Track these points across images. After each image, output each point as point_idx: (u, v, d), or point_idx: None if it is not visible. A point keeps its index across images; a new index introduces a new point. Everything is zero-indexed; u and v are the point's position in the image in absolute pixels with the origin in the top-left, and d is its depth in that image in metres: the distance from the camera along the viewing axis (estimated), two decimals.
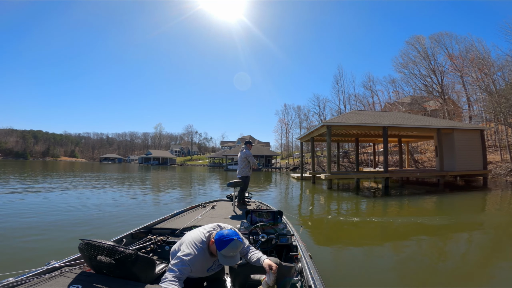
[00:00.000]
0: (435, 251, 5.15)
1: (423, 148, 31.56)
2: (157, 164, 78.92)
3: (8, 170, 30.14)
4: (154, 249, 3.11)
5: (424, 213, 9.12)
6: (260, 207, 5.08)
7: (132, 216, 7.35)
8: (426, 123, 17.14)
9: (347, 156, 40.68)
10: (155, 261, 2.14)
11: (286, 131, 62.07)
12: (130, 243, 3.08)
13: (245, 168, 6.03)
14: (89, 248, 1.82)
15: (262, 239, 3.01)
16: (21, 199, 9.66)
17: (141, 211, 8.24)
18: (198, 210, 4.83)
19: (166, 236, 3.33)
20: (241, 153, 6.08)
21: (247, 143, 6.28)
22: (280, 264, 2.00)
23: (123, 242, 2.98)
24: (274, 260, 2.03)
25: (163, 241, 3.20)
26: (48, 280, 1.71)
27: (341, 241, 5.98)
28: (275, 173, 38.40)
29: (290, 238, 3.17)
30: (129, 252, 1.81)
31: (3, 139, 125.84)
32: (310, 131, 19.75)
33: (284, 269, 2.00)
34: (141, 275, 1.87)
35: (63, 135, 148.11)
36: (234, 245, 1.88)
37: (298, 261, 2.72)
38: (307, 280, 2.15)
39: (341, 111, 44.89)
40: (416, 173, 17.47)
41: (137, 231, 3.33)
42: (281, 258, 3.08)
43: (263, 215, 3.37)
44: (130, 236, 3.20)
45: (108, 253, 1.79)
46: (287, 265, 2.04)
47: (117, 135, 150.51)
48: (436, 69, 33.76)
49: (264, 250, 2.93)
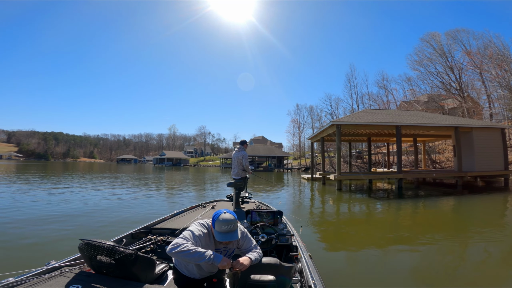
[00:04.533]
0: (446, 256, 4.95)
1: (441, 148, 30.33)
2: (171, 164, 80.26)
3: (39, 171, 31.60)
4: (154, 249, 3.14)
5: (438, 216, 8.80)
6: (260, 207, 5.05)
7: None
8: (443, 122, 16.47)
9: (361, 156, 39.78)
10: (155, 261, 2.16)
11: (299, 132, 61.59)
12: (130, 243, 3.11)
13: (242, 169, 5.65)
14: (89, 248, 1.84)
15: (262, 239, 3.01)
16: (68, 199, 10.15)
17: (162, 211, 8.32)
18: (198, 210, 4.86)
19: (166, 236, 3.36)
20: (237, 154, 5.60)
21: (243, 143, 5.77)
22: (280, 264, 1.99)
23: (123, 242, 3.01)
24: (274, 260, 2.01)
25: (163, 241, 3.23)
26: (48, 280, 1.74)
27: (340, 242, 5.87)
28: (287, 174, 38.19)
29: (290, 238, 3.17)
30: (129, 252, 1.83)
31: (25, 141, 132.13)
32: (320, 131, 19.47)
33: (284, 269, 1.98)
34: (141, 275, 1.89)
35: (82, 137, 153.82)
36: (224, 217, 1.87)
37: (298, 261, 2.71)
38: (307, 280, 2.13)
39: (354, 110, 43.94)
40: (432, 173, 16.84)
41: (137, 231, 3.35)
42: (281, 258, 3.08)
43: (263, 215, 3.37)
44: (130, 236, 3.23)
45: (108, 253, 1.81)
46: (287, 265, 2.04)
47: (133, 136, 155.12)
48: (453, 66, 32.42)
49: (264, 250, 2.92)
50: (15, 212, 7.68)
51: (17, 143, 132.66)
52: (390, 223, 7.80)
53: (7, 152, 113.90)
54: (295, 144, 64.25)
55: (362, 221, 8.09)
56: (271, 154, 51.05)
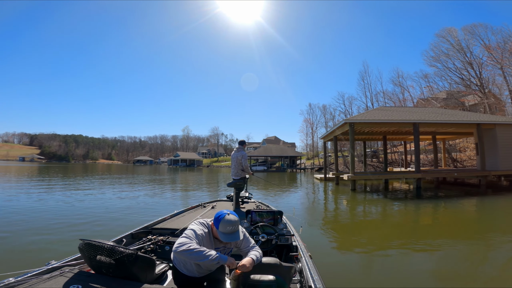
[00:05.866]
0: (460, 259, 4.65)
1: (463, 146, 28.97)
2: (185, 165, 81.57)
3: (67, 173, 32.96)
4: (154, 249, 3.14)
5: (459, 217, 8.36)
6: (260, 207, 5.03)
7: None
8: (464, 118, 15.71)
9: (376, 155, 38.72)
10: (155, 261, 2.15)
11: (312, 131, 60.85)
12: (130, 243, 3.10)
13: (241, 169, 5.53)
14: (89, 248, 1.83)
15: (262, 239, 3.02)
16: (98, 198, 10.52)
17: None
18: (198, 210, 4.86)
19: (166, 236, 3.35)
20: (236, 154, 5.53)
21: (242, 143, 5.66)
22: (280, 264, 1.98)
23: (123, 242, 3.01)
24: (274, 260, 2.00)
25: (163, 241, 3.23)
26: (48, 280, 1.73)
27: (352, 244, 5.67)
28: (300, 174, 37.82)
29: (290, 238, 3.15)
30: (129, 252, 1.81)
31: (47, 143, 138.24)
32: (332, 129, 19.06)
33: (284, 269, 1.98)
34: (141, 275, 1.87)
35: (101, 139, 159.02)
36: (228, 218, 1.90)
37: (298, 261, 2.71)
38: (307, 280, 2.12)
39: (368, 108, 42.80)
40: (453, 173, 16.09)
41: (137, 231, 3.35)
42: (281, 258, 3.06)
43: (263, 215, 3.37)
44: (130, 236, 3.24)
45: (108, 253, 1.79)
46: (287, 265, 2.02)
47: (148, 138, 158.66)
48: (472, 62, 31.04)
49: (264, 250, 2.91)
50: (61, 212, 7.96)
51: (39, 145, 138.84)
52: (408, 225, 7.50)
53: (30, 155, 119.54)
54: (308, 144, 63.67)
55: (376, 222, 7.82)
56: (283, 154, 50.76)
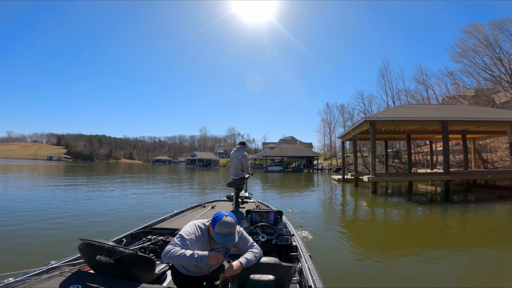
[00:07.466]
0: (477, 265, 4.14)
1: (493, 146, 27.06)
2: (202, 165, 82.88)
3: (101, 172, 34.57)
4: (154, 249, 3.15)
5: (490, 222, 7.75)
6: (260, 207, 5.06)
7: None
8: (497, 116, 14.57)
9: (398, 156, 37.16)
10: (155, 261, 2.13)
11: (329, 131, 59.70)
12: (130, 243, 3.13)
13: (240, 169, 5.48)
14: (89, 248, 1.84)
15: (262, 239, 3.03)
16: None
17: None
18: (198, 210, 4.93)
19: (166, 236, 3.38)
20: (236, 154, 5.47)
21: (242, 144, 5.62)
22: (280, 264, 1.98)
23: (123, 242, 3.04)
24: (273, 260, 2.00)
25: (163, 241, 3.24)
26: (48, 280, 1.73)
27: (358, 245, 5.37)
28: (316, 175, 37.09)
29: (290, 238, 3.16)
30: (128, 252, 1.82)
31: (73, 143, 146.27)
32: (351, 128, 18.36)
33: (284, 269, 1.97)
34: (141, 275, 1.87)
35: (122, 139, 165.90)
36: (225, 220, 1.88)
37: (298, 261, 2.72)
38: (307, 280, 2.13)
39: (389, 107, 41.20)
40: (486, 175, 14.98)
41: (137, 231, 3.39)
42: (281, 258, 3.07)
43: (263, 215, 3.39)
44: (130, 236, 3.27)
45: (107, 253, 1.80)
46: (287, 265, 2.02)
47: (167, 138, 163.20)
48: (502, 58, 29.07)
49: (264, 250, 2.91)
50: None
51: (66, 145, 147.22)
52: (437, 230, 6.97)
53: (57, 154, 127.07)
54: (325, 144, 62.62)
55: (399, 227, 7.33)
56: (300, 155, 50.06)
